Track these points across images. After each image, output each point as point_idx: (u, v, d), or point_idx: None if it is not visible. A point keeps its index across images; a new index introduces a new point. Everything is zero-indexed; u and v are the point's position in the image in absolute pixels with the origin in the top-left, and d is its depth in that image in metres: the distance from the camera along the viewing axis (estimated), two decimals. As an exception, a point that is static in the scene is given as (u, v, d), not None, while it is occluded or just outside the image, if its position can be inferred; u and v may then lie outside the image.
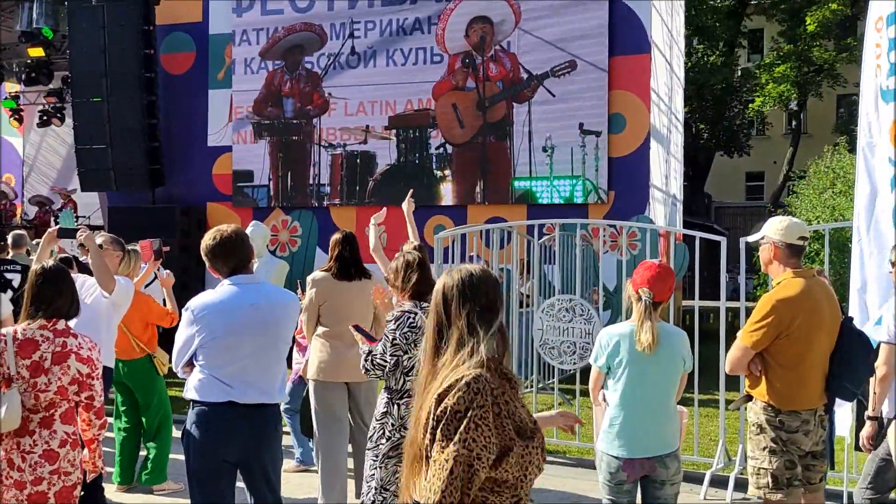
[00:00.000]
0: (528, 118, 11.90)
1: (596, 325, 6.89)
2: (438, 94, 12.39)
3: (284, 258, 11.75)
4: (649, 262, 4.04)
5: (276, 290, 4.21)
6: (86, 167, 13.11)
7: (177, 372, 3.95)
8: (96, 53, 12.54)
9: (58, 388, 3.62)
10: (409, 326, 4.10)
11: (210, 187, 13.16)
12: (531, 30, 11.92)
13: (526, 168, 11.91)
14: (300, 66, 12.97)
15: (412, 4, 12.47)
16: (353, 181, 12.82)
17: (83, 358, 3.68)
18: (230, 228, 3.91)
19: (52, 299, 3.73)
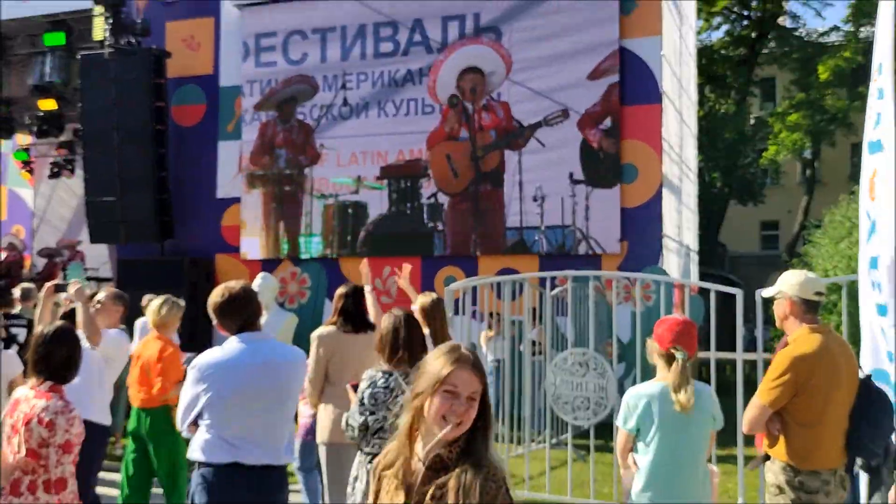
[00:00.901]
0: (518, 167, 11.97)
1: (610, 380, 6.74)
2: (432, 144, 12.47)
3: (293, 310, 11.64)
4: (671, 319, 3.94)
5: (284, 347, 4.10)
6: (95, 219, 13.11)
7: (181, 431, 3.83)
8: (107, 106, 12.62)
9: (28, 451, 3.56)
10: (383, 387, 4.01)
11: (219, 239, 13.13)
12: (523, 80, 12.02)
13: (517, 218, 11.93)
14: (293, 118, 13.10)
15: (403, 56, 12.62)
16: (344, 231, 12.84)
17: (44, 422, 3.58)
18: (238, 285, 3.84)
19: (42, 362, 3.69)
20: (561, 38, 11.74)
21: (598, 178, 11.47)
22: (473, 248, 12.08)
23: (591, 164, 11.52)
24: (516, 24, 12.06)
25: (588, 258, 11.20)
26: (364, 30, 12.85)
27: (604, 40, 11.47)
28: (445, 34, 12.46)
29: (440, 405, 2.22)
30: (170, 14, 13.46)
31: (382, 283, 12.08)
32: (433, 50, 12.51)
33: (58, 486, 3.61)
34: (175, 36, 13.41)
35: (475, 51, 12.30)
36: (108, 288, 5.78)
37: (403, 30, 12.63)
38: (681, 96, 13.52)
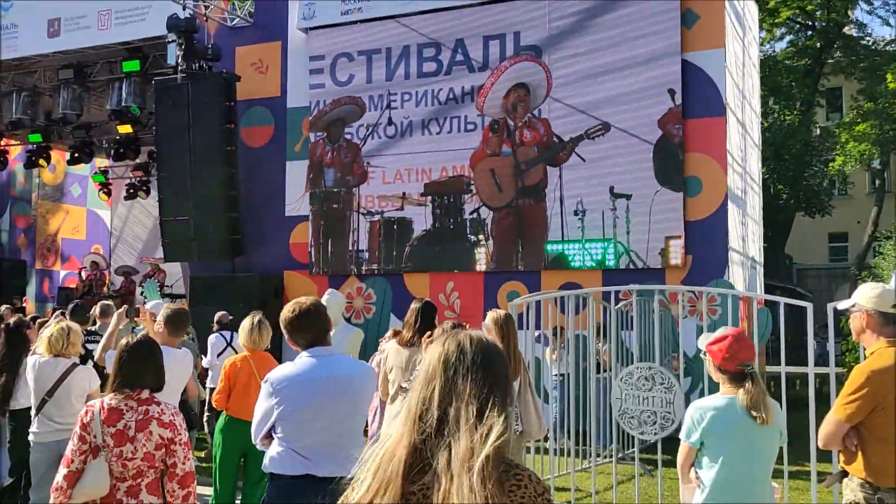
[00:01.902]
0: (559, 182, 12.07)
1: (677, 394, 6.71)
2: (476, 161, 12.66)
3: (359, 325, 11.82)
4: (725, 335, 3.90)
5: (353, 362, 4.23)
6: (169, 238, 13.52)
7: (256, 444, 3.97)
8: (180, 129, 13.04)
9: (144, 455, 3.70)
10: None
11: (287, 256, 13.42)
12: (565, 96, 12.16)
13: (558, 232, 12.01)
14: (341, 138, 13.39)
15: (446, 76, 12.88)
16: (390, 247, 13.06)
17: (164, 423, 3.76)
18: (309, 301, 3.96)
19: (136, 372, 3.84)
20: (615, 53, 11.78)
21: (668, 184, 11.48)
22: (515, 262, 12.21)
23: (665, 164, 11.50)
24: (561, 42, 12.18)
25: (652, 272, 11.14)
26: (408, 51, 13.13)
27: (665, 54, 11.44)
28: (486, 53, 12.70)
29: None
30: (239, 39, 13.86)
31: (446, 298, 12.19)
32: (475, 69, 12.75)
33: (187, 480, 3.79)
34: (244, 60, 13.80)
35: (522, 68, 12.48)
36: (166, 306, 6.02)
37: (446, 50, 12.90)
38: (744, 108, 13.36)
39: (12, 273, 19.49)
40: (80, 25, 14.59)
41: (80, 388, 5.63)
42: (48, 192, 21.75)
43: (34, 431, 5.62)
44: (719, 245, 11.09)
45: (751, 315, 9.38)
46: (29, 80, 16.17)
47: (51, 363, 5.60)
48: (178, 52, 12.82)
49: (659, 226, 11.40)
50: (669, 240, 11.35)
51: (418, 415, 1.94)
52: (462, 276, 12.34)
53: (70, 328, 5.76)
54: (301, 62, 13.49)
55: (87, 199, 22.35)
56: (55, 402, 5.55)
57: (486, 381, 1.95)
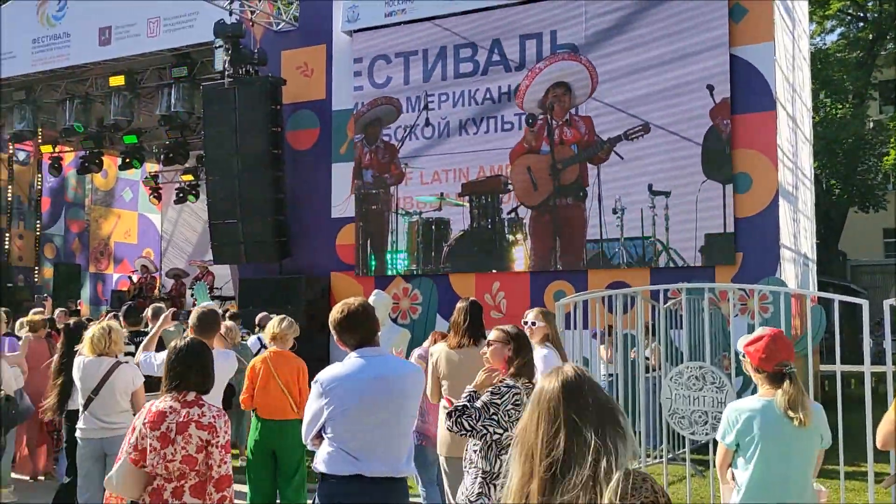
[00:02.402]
0: (598, 180, 11.99)
1: (728, 393, 6.61)
2: (514, 157, 12.62)
3: (406, 326, 11.86)
4: (762, 336, 3.84)
5: (401, 362, 4.24)
6: (218, 241, 13.70)
7: (306, 444, 4.00)
8: (228, 133, 13.21)
9: (183, 457, 3.76)
10: (514, 404, 4.05)
11: (334, 257, 13.51)
12: (604, 94, 12.04)
13: (597, 230, 11.93)
14: (378, 139, 13.45)
15: (483, 76, 12.86)
16: (428, 247, 13.08)
17: (203, 425, 3.80)
18: (357, 302, 3.98)
19: (183, 374, 3.90)
20: (658, 49, 11.64)
21: (712, 175, 11.31)
22: (553, 261, 12.15)
23: (708, 160, 11.33)
24: (599, 40, 12.09)
25: (701, 269, 10.99)
26: (444, 51, 13.13)
27: (711, 49, 11.27)
28: (523, 53, 12.63)
29: None
30: (284, 43, 14.00)
31: (492, 298, 12.17)
32: (511, 68, 12.70)
33: (223, 483, 3.82)
34: (290, 64, 13.94)
35: (565, 66, 12.39)
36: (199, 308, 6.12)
37: (482, 50, 12.88)
38: (794, 102, 13.12)
39: (67, 277, 19.96)
40: (130, 33, 14.87)
41: (123, 385, 5.74)
42: (101, 197, 22.22)
43: (80, 428, 5.75)
44: (770, 242, 10.90)
45: (804, 313, 9.21)
46: (81, 88, 16.52)
47: (94, 362, 5.71)
48: (224, 57, 12.99)
49: (700, 223, 11.24)
50: (711, 237, 11.18)
51: (544, 453, 2.00)
52: (508, 275, 12.31)
53: (111, 327, 5.87)
54: (345, 65, 13.58)
55: (138, 203, 22.79)
56: (100, 400, 5.66)
57: (600, 412, 2.02)
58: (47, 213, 20.92)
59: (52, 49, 15.74)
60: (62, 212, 21.34)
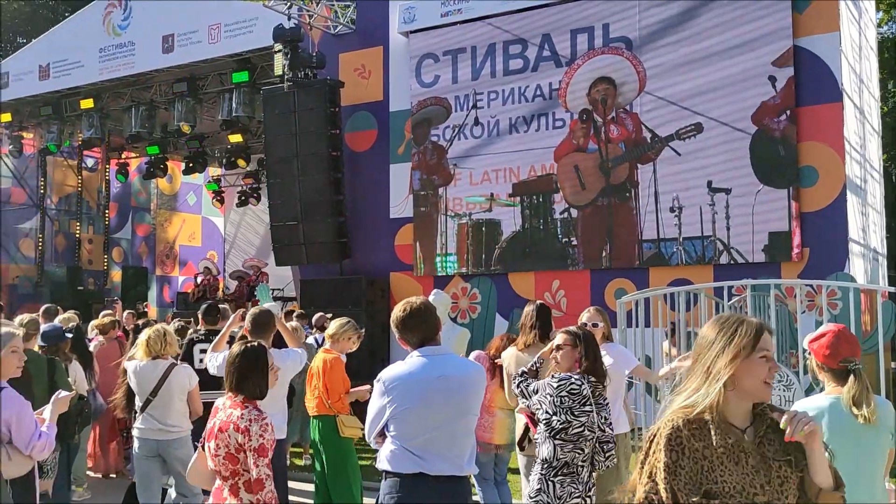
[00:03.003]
0: (653, 178, 11.63)
1: (796, 391, 6.47)
2: (560, 156, 12.34)
3: (465, 325, 11.88)
4: (826, 332, 3.75)
5: (463, 361, 4.24)
6: (280, 243, 13.89)
7: (370, 442, 4.03)
8: (288, 136, 13.39)
9: (225, 455, 3.85)
10: (569, 392, 4.07)
11: (393, 258, 13.59)
12: (655, 90, 11.68)
13: (653, 230, 11.60)
14: (427, 140, 13.36)
15: (533, 72, 12.62)
16: (478, 249, 12.92)
17: (240, 428, 3.85)
18: (419, 301, 4.00)
19: (239, 378, 3.98)
20: (716, 41, 11.35)
21: (774, 176, 10.94)
22: (605, 262, 11.92)
23: (766, 161, 10.97)
24: (653, 32, 11.80)
25: (767, 265, 10.77)
26: (493, 49, 12.97)
27: (773, 40, 10.97)
28: (574, 47, 12.38)
29: (764, 371, 2.39)
30: (342, 46, 14.13)
31: (552, 297, 12.11)
32: (562, 64, 12.44)
33: (256, 486, 3.85)
34: (347, 66, 14.07)
35: (606, 60, 12.15)
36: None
37: (532, 46, 12.66)
38: (862, 93, 12.77)
39: (135, 280, 20.47)
40: (192, 40, 15.17)
41: (180, 386, 5.85)
42: (165, 201, 22.76)
43: (138, 427, 5.87)
44: (838, 236, 10.62)
45: (874, 309, 8.95)
46: (146, 95, 16.92)
47: (150, 365, 5.83)
48: (284, 61, 13.15)
49: (763, 220, 10.91)
50: (775, 235, 10.84)
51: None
52: (567, 274, 12.22)
53: (166, 330, 5.98)
54: (402, 66, 13.65)
55: (201, 207, 23.27)
56: (159, 401, 5.78)
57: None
58: (115, 217, 21.51)
59: (118, 58, 16.14)
60: (129, 216, 21.92)
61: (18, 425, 4.05)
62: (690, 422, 2.38)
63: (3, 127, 18.80)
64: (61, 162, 20.52)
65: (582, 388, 4.06)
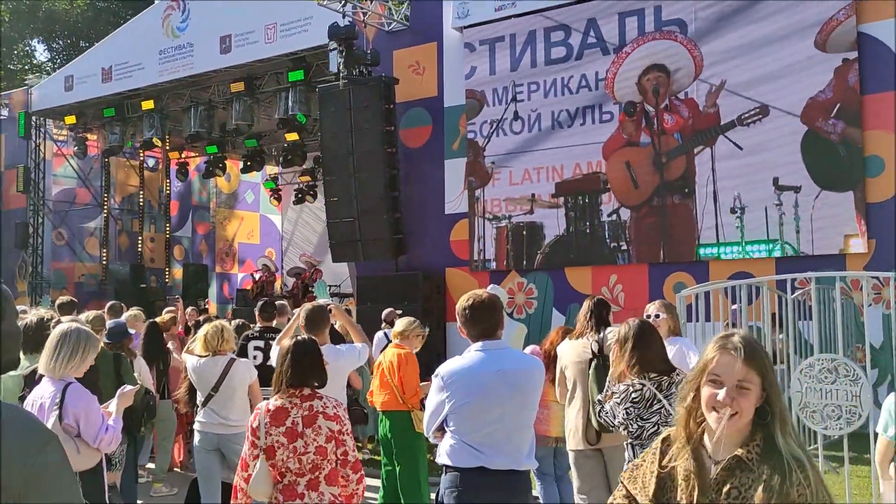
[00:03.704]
0: (711, 175, 10.79)
1: (864, 386, 6.29)
2: (609, 152, 11.56)
3: (521, 320, 11.82)
4: None
5: (522, 356, 4.22)
6: (336, 239, 14.00)
7: (428, 437, 4.03)
8: (344, 134, 13.48)
9: (316, 449, 3.83)
10: (632, 401, 4.01)
11: (448, 253, 13.59)
12: (712, 75, 10.89)
13: (712, 232, 10.85)
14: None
15: (577, 61, 11.83)
16: (519, 254, 12.37)
17: (330, 416, 3.88)
18: (485, 294, 3.99)
19: (298, 372, 3.97)
20: (776, 25, 10.73)
21: (831, 177, 10.33)
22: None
23: (820, 161, 10.34)
24: (710, 15, 11.09)
25: (831, 258, 10.49)
26: (533, 36, 12.24)
27: (837, 26, 10.52)
28: (623, 33, 11.59)
29: (707, 396, 2.11)
30: (396, 42, 14.18)
31: (609, 291, 11.98)
32: (609, 51, 11.65)
33: (358, 466, 3.93)
34: (402, 62, 14.11)
35: (658, 47, 11.38)
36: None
37: (576, 33, 11.88)
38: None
39: (196, 277, 20.87)
40: (248, 40, 15.37)
41: (241, 380, 5.94)
42: (224, 199, 23.15)
43: (199, 421, 5.97)
44: (906, 228, 10.30)
45: (945, 302, 8.68)
46: (204, 95, 17.20)
47: (210, 362, 5.91)
48: (339, 59, 13.25)
49: (835, 221, 10.24)
50: (850, 238, 10.16)
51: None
52: (625, 268, 12.07)
53: (223, 326, 6.06)
54: (456, 61, 13.62)
55: (259, 205, 23.61)
56: (220, 396, 5.86)
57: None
58: (176, 216, 21.95)
59: (177, 59, 16.44)
60: (189, 215, 22.35)
61: (86, 419, 4.15)
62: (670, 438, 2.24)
63: (69, 129, 19.32)
64: (123, 162, 21.01)
65: (643, 391, 4.01)
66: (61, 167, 19.92)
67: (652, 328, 4.30)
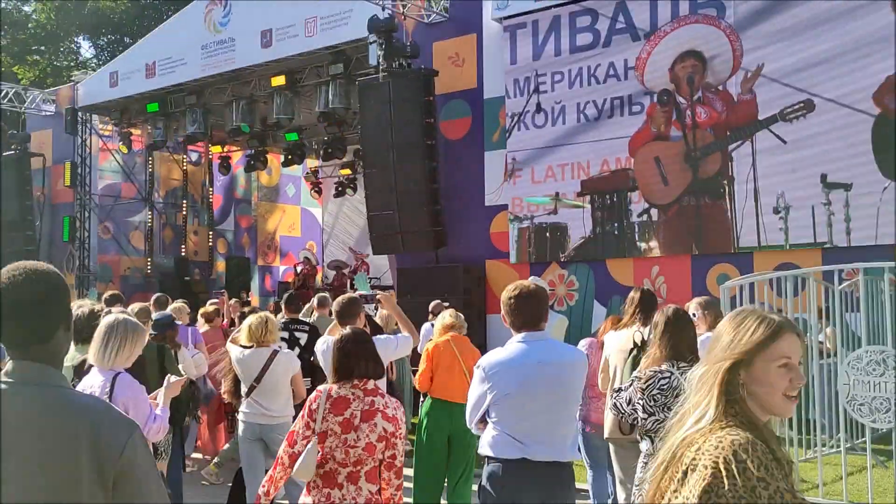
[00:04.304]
0: (752, 171, 10.06)
1: (915, 380, 6.18)
2: (637, 146, 10.92)
3: (562, 312, 11.77)
4: None
5: (564, 347, 4.20)
6: (376, 232, 14.06)
7: (470, 428, 4.04)
8: (383, 126, 13.52)
9: (366, 445, 3.81)
10: (660, 389, 3.95)
11: (488, 245, 13.57)
12: (751, 63, 10.16)
13: (753, 236, 10.21)
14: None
15: (604, 48, 11.15)
16: (542, 256, 12.03)
17: (388, 417, 3.86)
18: (532, 285, 3.98)
19: (361, 362, 3.97)
20: (827, 3, 9.95)
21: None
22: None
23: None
24: None
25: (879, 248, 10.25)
26: (558, 22, 11.66)
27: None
28: (654, 16, 10.90)
29: (780, 378, 1.96)
30: (435, 34, 14.16)
31: (651, 283, 11.87)
32: (640, 37, 10.93)
33: (401, 473, 3.91)
34: (441, 54, 14.09)
35: (693, 32, 10.64)
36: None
37: (603, 18, 11.25)
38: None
39: (238, 270, 21.14)
40: (289, 34, 15.48)
41: (284, 372, 5.99)
42: (266, 193, 23.38)
43: (243, 411, 6.04)
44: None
45: None
46: (246, 90, 17.36)
47: (254, 353, 5.97)
48: (378, 51, 13.28)
49: (889, 219, 9.51)
50: None
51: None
52: (668, 259, 11.93)
53: (267, 318, 6.11)
54: (496, 53, 13.57)
55: (300, 198, 23.81)
56: (263, 387, 5.92)
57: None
58: (219, 210, 22.23)
59: (219, 54, 16.61)
60: (232, 208, 22.62)
61: (135, 408, 4.22)
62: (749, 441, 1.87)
63: (114, 124, 19.64)
64: (167, 157, 21.31)
65: (672, 380, 3.96)
66: (107, 162, 20.25)
67: (686, 316, 4.25)
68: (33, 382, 1.88)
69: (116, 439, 1.82)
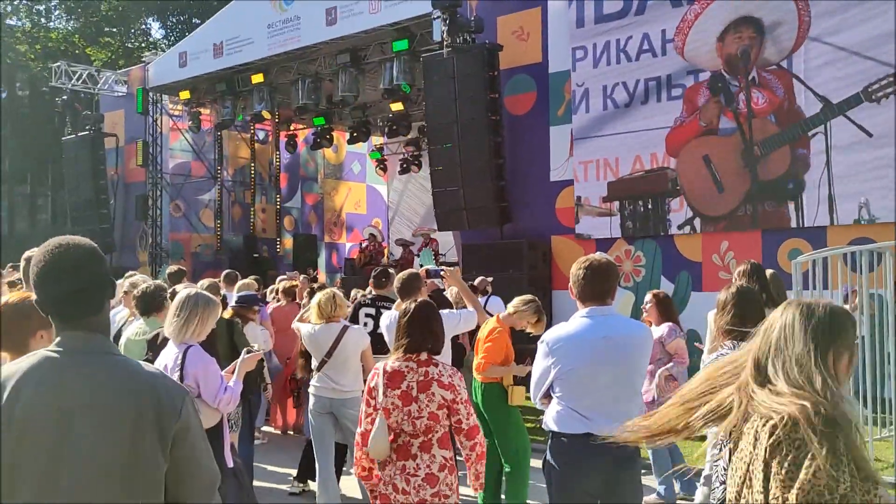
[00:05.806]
0: (826, 171, 8.53)
1: None
2: (680, 143, 9.28)
3: (629, 288, 11.64)
4: None
5: (629, 322, 4.17)
6: (442, 208, 14.08)
7: (535, 403, 4.04)
8: (448, 102, 13.49)
9: (429, 414, 3.89)
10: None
11: (553, 221, 13.47)
12: (822, 35, 8.37)
13: (826, 218, 9.03)
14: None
15: (637, 16, 9.47)
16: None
17: (444, 384, 3.93)
18: (602, 259, 3.96)
19: (415, 335, 4.02)
20: None
21: None
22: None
23: None
24: None
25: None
26: None
27: None
28: None
29: (847, 365, 2.15)
30: (500, 9, 14.04)
31: (720, 259, 11.65)
32: (681, 2, 9.21)
33: (472, 433, 3.95)
34: (505, 29, 13.96)
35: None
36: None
37: None
38: None
39: (305, 247, 21.46)
40: (353, 11, 15.52)
41: (354, 346, 6.07)
42: (332, 170, 23.63)
43: (314, 385, 6.16)
44: None
45: None
46: (311, 68, 17.49)
47: (324, 329, 6.05)
48: (442, 27, 13.23)
49: None
50: None
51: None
52: (737, 234, 11.67)
53: (335, 294, 6.20)
54: (561, 26, 13.39)
55: (366, 175, 24.00)
56: (333, 362, 6.02)
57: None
58: (285, 187, 22.55)
59: (285, 32, 16.76)
60: (298, 186, 22.93)
61: (205, 380, 4.34)
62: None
63: (183, 104, 20.03)
64: (235, 136, 21.66)
65: None
66: (177, 141, 20.68)
67: (753, 294, 4.15)
68: (101, 351, 2.02)
69: (174, 402, 1.99)
